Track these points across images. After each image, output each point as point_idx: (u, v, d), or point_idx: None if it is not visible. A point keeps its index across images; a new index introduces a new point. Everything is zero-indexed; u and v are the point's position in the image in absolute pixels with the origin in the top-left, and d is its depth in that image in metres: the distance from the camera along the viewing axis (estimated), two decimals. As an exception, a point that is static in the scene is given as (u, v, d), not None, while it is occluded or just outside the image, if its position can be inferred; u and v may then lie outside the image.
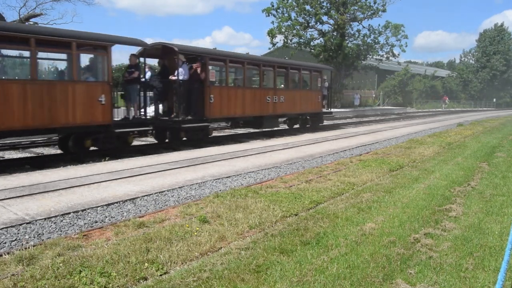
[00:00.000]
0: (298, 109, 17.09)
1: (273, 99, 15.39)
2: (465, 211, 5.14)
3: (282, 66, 16.68)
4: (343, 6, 34.40)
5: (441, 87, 59.03)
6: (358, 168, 7.91)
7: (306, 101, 17.45)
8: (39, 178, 6.60)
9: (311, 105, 17.85)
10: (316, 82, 18.32)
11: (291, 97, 16.49)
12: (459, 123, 21.76)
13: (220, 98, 12.80)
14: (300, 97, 17.11)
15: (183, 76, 11.59)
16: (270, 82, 16.15)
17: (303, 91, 17.57)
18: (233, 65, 14.20)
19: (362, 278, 3.22)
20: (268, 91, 15.37)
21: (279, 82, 17.53)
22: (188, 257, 3.66)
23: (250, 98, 14.24)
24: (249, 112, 14.34)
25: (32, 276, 3.14)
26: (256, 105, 14.56)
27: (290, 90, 16.71)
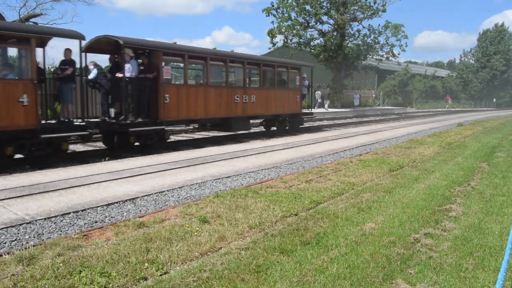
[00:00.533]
0: (273, 110, 15.62)
1: (243, 99, 13.85)
2: (465, 211, 5.14)
3: (254, 62, 15.07)
4: (343, 6, 34.38)
5: (441, 87, 59.02)
6: (358, 168, 7.91)
7: (283, 101, 16.05)
8: (39, 178, 6.60)
9: (289, 106, 16.44)
10: (294, 80, 16.94)
11: (264, 97, 15.07)
12: (459, 123, 21.76)
13: (177, 98, 11.41)
14: (275, 96, 15.62)
15: (131, 73, 10.32)
16: (240, 80, 14.71)
17: (279, 90, 16.01)
18: (194, 61, 12.71)
19: (362, 278, 3.22)
20: (236, 90, 13.84)
21: (251, 80, 16.26)
22: (188, 257, 3.66)
23: (214, 98, 12.76)
24: (214, 114, 12.83)
25: (32, 276, 3.14)
26: (223, 106, 13.09)
27: (263, 89, 15.28)
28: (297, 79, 16.99)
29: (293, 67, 16.98)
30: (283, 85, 16.59)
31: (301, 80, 17.23)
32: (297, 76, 17.00)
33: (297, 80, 17.00)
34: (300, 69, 17.28)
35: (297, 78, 17.00)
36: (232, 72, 14.88)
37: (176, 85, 12.32)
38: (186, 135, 16.22)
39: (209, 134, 16.53)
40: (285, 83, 16.61)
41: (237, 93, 13.74)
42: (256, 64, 15.10)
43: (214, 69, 13.94)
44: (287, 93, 16.44)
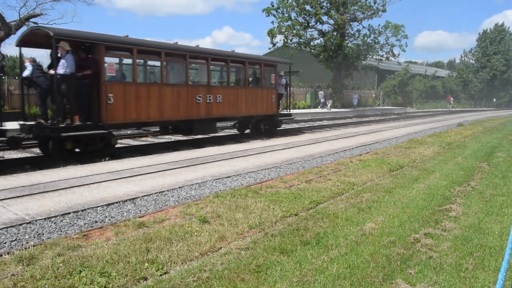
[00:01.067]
0: (244, 111, 14.07)
1: (207, 98, 12.42)
2: (465, 211, 5.14)
3: (220, 58, 13.46)
4: (343, 6, 34.38)
5: (441, 87, 59.03)
6: (358, 168, 7.91)
7: (255, 101, 14.53)
8: (39, 178, 6.60)
9: (262, 106, 14.88)
10: (269, 78, 15.44)
11: (233, 97, 13.60)
12: (459, 123, 21.76)
13: (124, 98, 10.03)
14: (246, 96, 14.08)
15: (65, 70, 9.09)
16: (203, 77, 13.13)
17: (251, 89, 14.55)
18: (145, 56, 11.54)
19: (362, 278, 3.22)
20: (198, 89, 12.41)
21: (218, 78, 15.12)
22: (188, 257, 3.66)
23: (172, 98, 11.37)
24: (171, 116, 11.41)
25: (32, 276, 3.14)
26: (182, 107, 11.67)
27: (231, 88, 13.93)
28: (272, 77, 15.42)
29: (268, 63, 15.49)
30: (255, 83, 15.26)
31: (277, 78, 15.62)
32: (272, 74, 15.45)
33: (272, 78, 15.43)
34: (276, 66, 15.63)
35: (272, 76, 15.43)
36: (193, 69, 13.56)
37: (123, 83, 10.64)
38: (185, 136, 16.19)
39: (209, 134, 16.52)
40: (258, 81, 15.25)
41: (200, 92, 12.29)
42: (222, 60, 13.59)
43: (172, 65, 12.88)
44: (260, 93, 14.88)
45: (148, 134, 15.38)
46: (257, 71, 15.34)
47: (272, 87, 15.52)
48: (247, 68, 14.33)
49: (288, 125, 21.92)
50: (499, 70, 63.02)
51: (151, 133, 15.62)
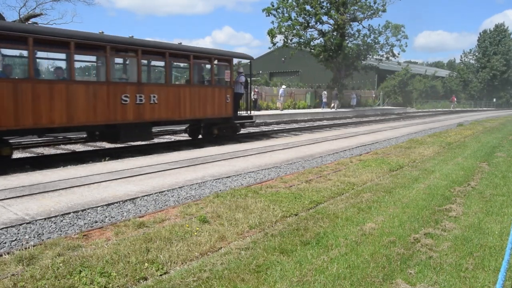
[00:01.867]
0: (188, 113, 11.94)
1: (136, 99, 10.39)
2: (465, 211, 5.14)
3: (154, 51, 11.18)
4: (343, 6, 34.38)
5: (441, 87, 59.06)
6: (358, 168, 7.91)
7: (204, 102, 12.43)
8: (39, 178, 6.60)
9: (214, 108, 12.75)
10: (222, 76, 13.45)
11: (173, 96, 11.50)
12: (459, 123, 21.77)
13: (14, 98, 8.20)
14: (191, 96, 11.98)
15: None
16: (133, 74, 10.99)
17: (198, 88, 12.39)
18: (49, 47, 9.23)
19: (362, 278, 3.22)
20: (125, 87, 10.34)
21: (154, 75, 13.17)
22: (188, 257, 3.66)
23: (85, 98, 9.35)
24: (84, 120, 9.35)
25: (32, 276, 3.14)
26: (101, 109, 9.62)
27: (170, 86, 11.66)
28: (226, 74, 13.31)
29: (221, 58, 13.13)
30: (204, 81, 13.32)
31: (232, 75, 13.57)
32: (226, 70, 13.30)
33: (227, 75, 13.32)
34: (231, 61, 13.42)
35: (227, 72, 13.31)
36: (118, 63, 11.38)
37: (12, 80, 8.54)
38: (186, 135, 16.19)
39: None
40: (208, 78, 13.25)
41: (126, 91, 10.20)
42: (158, 54, 11.34)
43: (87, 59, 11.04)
44: (210, 92, 12.71)
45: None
46: (207, 66, 13.12)
47: (227, 85, 13.30)
48: (192, 63, 12.03)
49: (288, 125, 21.95)
50: (499, 70, 63.03)
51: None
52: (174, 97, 11.58)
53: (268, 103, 32.44)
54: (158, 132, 14.90)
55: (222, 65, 13.35)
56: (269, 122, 23.29)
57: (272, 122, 23.40)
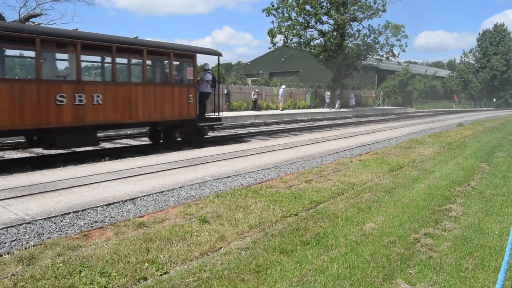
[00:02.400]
0: (141, 115, 10.63)
1: (75, 99, 9.14)
2: (465, 211, 5.14)
3: (97, 45, 9.84)
4: (343, 6, 34.37)
5: (441, 87, 59.08)
6: (358, 168, 7.91)
7: (161, 102, 11.11)
8: (39, 178, 6.60)
9: (173, 109, 11.41)
10: (183, 73, 12.08)
11: (121, 96, 10.16)
12: (459, 123, 21.77)
13: None
14: (144, 96, 10.68)
15: None
16: (72, 71, 9.61)
17: (153, 87, 11.09)
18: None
19: (362, 278, 3.22)
20: (59, 86, 9.06)
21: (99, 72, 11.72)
22: (188, 257, 3.66)
23: (8, 98, 8.15)
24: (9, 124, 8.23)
25: (32, 276, 3.14)
26: (28, 110, 8.45)
27: (118, 85, 10.20)
28: (188, 71, 11.94)
29: (181, 54, 11.77)
30: (161, 79, 12.01)
31: (195, 72, 12.22)
32: (189, 67, 11.96)
33: (189, 73, 11.95)
34: (194, 57, 12.03)
35: (189, 69, 11.94)
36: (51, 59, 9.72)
37: None
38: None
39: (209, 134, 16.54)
40: (166, 76, 11.85)
41: (62, 90, 8.96)
42: (102, 48, 10.07)
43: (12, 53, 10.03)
44: (169, 91, 11.38)
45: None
46: (164, 63, 11.84)
47: (190, 83, 11.95)
48: (146, 59, 10.86)
49: (288, 125, 21.96)
50: (499, 70, 63.04)
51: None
52: (124, 97, 10.27)
53: (268, 103, 32.46)
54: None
55: (184, 61, 12.01)
56: (269, 122, 23.30)
57: (272, 122, 23.40)
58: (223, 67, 68.33)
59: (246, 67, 60.26)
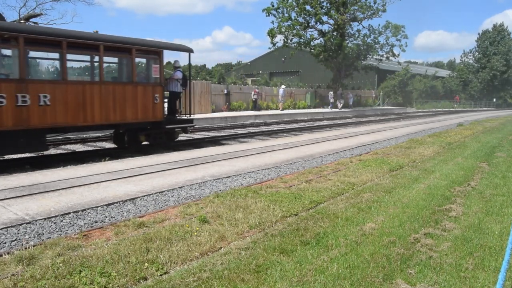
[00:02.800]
0: (98, 117, 9.68)
1: (17, 99, 8.30)
2: (465, 211, 5.14)
3: (46, 40, 8.93)
4: (343, 6, 34.36)
5: (441, 87, 59.09)
6: (358, 168, 7.91)
7: (122, 102, 10.13)
8: (39, 178, 6.60)
9: (136, 110, 10.43)
10: (149, 71, 11.17)
11: (74, 97, 9.21)
12: (459, 123, 21.77)
13: None
14: (101, 95, 9.72)
15: None
16: (14, 68, 8.69)
17: (112, 85, 10.11)
18: None
19: (362, 278, 3.22)
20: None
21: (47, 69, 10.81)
22: (188, 257, 3.66)
23: None
24: None
25: (32, 276, 3.14)
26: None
27: (69, 84, 9.21)
28: (154, 68, 11.04)
29: (145, 50, 10.87)
30: (122, 77, 11.05)
31: (162, 69, 11.22)
32: (155, 64, 11.07)
33: (155, 71, 11.04)
34: (161, 53, 11.09)
35: (155, 67, 11.05)
36: None
37: None
38: (186, 135, 16.19)
39: (209, 134, 16.55)
40: (128, 74, 10.78)
41: (0, 89, 8.14)
42: (51, 43, 9.08)
43: None
44: (131, 90, 10.36)
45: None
46: (125, 60, 10.77)
47: (156, 82, 11.01)
48: (103, 55, 9.85)
49: (288, 125, 21.97)
50: (499, 70, 63.03)
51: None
52: (77, 97, 9.29)
53: (268, 103, 32.46)
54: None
55: (149, 58, 11.13)
56: (269, 122, 23.31)
57: (272, 122, 23.41)
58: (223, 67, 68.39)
59: (246, 67, 60.28)
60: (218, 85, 29.16)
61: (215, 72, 46.98)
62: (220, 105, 27.92)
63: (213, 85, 27.94)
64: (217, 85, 29.08)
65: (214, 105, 26.96)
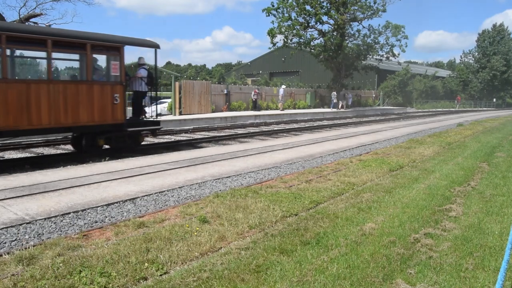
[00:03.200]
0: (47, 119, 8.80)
1: None
2: (465, 211, 5.14)
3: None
4: (343, 6, 34.33)
5: (441, 87, 59.09)
6: (358, 168, 7.91)
7: (75, 103, 9.24)
8: (39, 178, 6.60)
9: (92, 112, 9.50)
10: (108, 68, 10.21)
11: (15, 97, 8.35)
12: (459, 123, 21.77)
13: None
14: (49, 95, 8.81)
15: None
16: None
17: (62, 84, 9.21)
18: None
19: (362, 278, 3.22)
20: None
21: None
22: (188, 257, 3.66)
23: None
24: None
25: (32, 276, 3.14)
26: None
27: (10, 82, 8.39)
28: (113, 66, 10.11)
29: (102, 45, 9.85)
30: (75, 75, 10.28)
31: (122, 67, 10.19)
32: (114, 61, 10.12)
33: (115, 68, 10.13)
34: (121, 49, 10.10)
35: (114, 64, 10.12)
36: None
37: None
38: (186, 135, 16.21)
39: (209, 134, 16.56)
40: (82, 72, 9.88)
41: None
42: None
43: None
44: (86, 90, 9.42)
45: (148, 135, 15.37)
46: (79, 56, 9.90)
47: (116, 81, 10.05)
48: (51, 51, 8.91)
49: (288, 125, 21.98)
50: (499, 70, 63.01)
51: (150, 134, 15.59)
52: (19, 97, 8.39)
53: (268, 103, 32.46)
54: None
55: (107, 54, 10.16)
56: (269, 122, 23.31)
57: (272, 122, 23.41)
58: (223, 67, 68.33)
59: (246, 67, 60.27)
60: (218, 85, 29.16)
61: (215, 72, 47.02)
62: (220, 105, 27.93)
63: (213, 85, 27.95)
64: (217, 85, 29.09)
65: (214, 105, 26.97)
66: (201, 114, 24.21)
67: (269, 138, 14.83)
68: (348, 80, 41.19)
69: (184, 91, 24.01)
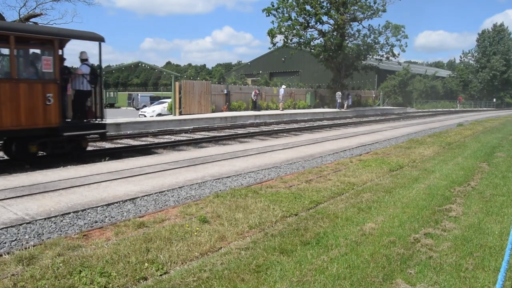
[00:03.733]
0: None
1: None
2: (465, 211, 5.14)
3: None
4: (343, 6, 34.34)
5: (441, 87, 59.09)
6: (358, 168, 7.91)
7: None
8: (39, 178, 6.60)
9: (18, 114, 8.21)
10: (38, 64, 8.95)
11: None
12: (459, 123, 21.77)
13: None
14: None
15: None
16: None
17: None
18: None
19: (362, 278, 3.22)
20: None
21: None
22: (188, 257, 3.66)
23: None
24: None
25: (32, 276, 3.14)
26: None
27: None
28: (45, 61, 8.78)
29: (30, 37, 8.68)
30: None
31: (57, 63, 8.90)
32: (45, 56, 8.84)
33: (46, 64, 8.77)
34: (54, 42, 8.80)
35: (46, 60, 8.79)
36: None
37: None
38: (186, 135, 16.21)
39: (209, 134, 16.55)
40: (4, 68, 8.87)
41: None
42: None
43: None
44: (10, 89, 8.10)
45: (148, 134, 15.40)
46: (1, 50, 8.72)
47: (49, 78, 8.81)
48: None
49: (288, 125, 21.97)
50: (499, 70, 63.01)
51: (151, 133, 15.65)
52: None
53: (268, 103, 32.46)
54: None
55: (38, 48, 9.03)
56: (269, 122, 23.31)
57: (272, 122, 23.41)
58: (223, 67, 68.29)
59: (246, 67, 60.26)
60: (218, 85, 29.16)
61: (215, 72, 47.02)
62: (220, 105, 27.93)
63: (213, 85, 27.94)
64: (217, 85, 29.08)
65: (214, 105, 26.97)
66: (201, 114, 24.21)
67: (269, 138, 14.83)
68: (348, 80, 41.18)
69: (184, 91, 24.01)
